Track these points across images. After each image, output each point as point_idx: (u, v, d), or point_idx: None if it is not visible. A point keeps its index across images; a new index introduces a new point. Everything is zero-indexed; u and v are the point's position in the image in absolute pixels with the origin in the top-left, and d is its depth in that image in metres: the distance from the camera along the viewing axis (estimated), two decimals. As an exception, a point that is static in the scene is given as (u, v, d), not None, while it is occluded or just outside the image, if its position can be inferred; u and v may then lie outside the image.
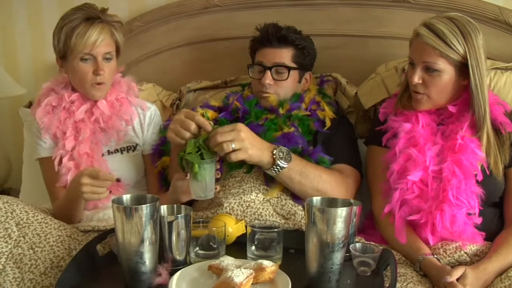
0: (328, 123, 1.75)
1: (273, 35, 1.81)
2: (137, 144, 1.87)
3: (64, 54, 1.73)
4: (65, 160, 1.74)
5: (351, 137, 1.84)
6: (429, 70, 1.55)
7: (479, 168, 1.52)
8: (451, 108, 1.59)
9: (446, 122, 1.62)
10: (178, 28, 2.25)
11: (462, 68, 1.53)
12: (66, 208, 1.62)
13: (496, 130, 1.59)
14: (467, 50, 1.50)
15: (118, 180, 1.50)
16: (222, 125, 1.53)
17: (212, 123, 1.46)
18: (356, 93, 1.95)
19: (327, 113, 1.79)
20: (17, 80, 2.44)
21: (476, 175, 1.52)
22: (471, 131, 1.55)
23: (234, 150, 1.42)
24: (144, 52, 2.30)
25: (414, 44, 1.59)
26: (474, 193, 1.51)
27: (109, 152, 1.83)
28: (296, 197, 1.61)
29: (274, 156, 1.50)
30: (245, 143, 1.43)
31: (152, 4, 2.30)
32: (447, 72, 1.54)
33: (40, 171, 1.85)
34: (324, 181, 1.57)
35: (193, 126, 1.44)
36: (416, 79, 1.56)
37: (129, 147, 1.86)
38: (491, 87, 1.78)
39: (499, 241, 1.50)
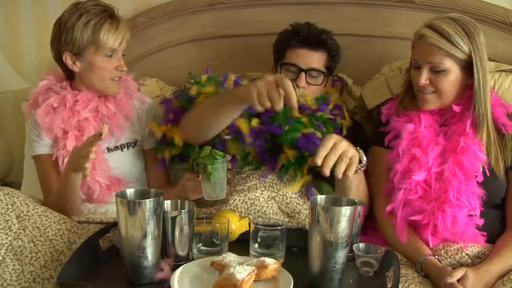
0: (344, 132, 1.72)
1: (314, 38, 1.76)
2: (136, 140, 1.85)
3: (82, 49, 1.70)
4: (66, 160, 1.70)
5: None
6: (435, 70, 1.55)
7: (480, 169, 1.52)
8: (456, 108, 1.59)
9: (449, 123, 1.62)
10: (183, 25, 2.25)
11: (467, 67, 1.54)
12: (61, 198, 1.60)
13: (498, 130, 1.59)
14: (471, 49, 1.51)
15: (100, 135, 1.42)
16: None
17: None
18: (361, 94, 1.95)
19: (346, 122, 1.76)
20: (20, 74, 2.44)
21: (476, 176, 1.52)
22: (473, 131, 1.55)
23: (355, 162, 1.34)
24: (148, 48, 2.30)
25: (418, 45, 1.59)
26: (475, 194, 1.51)
27: (108, 150, 1.80)
28: (303, 195, 1.61)
29: (359, 152, 1.41)
30: (352, 149, 1.34)
31: (157, 0, 2.30)
32: (453, 72, 1.54)
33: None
34: (365, 193, 1.58)
35: (280, 101, 1.36)
36: (423, 80, 1.56)
37: (129, 144, 1.84)
38: (495, 89, 1.78)
39: (501, 243, 1.50)
